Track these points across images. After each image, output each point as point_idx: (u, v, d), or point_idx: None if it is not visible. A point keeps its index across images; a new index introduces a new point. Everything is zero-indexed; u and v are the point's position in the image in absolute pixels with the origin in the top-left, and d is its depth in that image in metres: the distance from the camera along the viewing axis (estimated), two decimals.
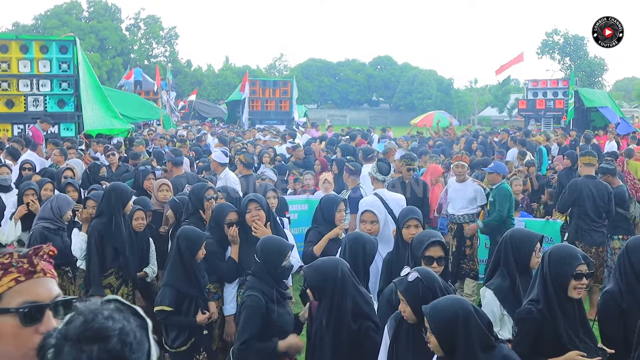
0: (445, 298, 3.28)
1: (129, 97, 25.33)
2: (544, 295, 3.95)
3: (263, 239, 4.87)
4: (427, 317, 3.17)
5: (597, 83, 61.62)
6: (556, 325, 3.87)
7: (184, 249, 5.30)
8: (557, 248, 4.11)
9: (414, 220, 5.59)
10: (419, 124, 30.98)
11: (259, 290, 4.60)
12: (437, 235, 4.70)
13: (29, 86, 15.59)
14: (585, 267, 3.93)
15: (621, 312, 4.03)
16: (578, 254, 3.97)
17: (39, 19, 66.09)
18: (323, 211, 6.31)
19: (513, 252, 4.51)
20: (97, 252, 6.15)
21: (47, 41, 16.56)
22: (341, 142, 15.89)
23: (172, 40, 74.18)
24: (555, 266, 3.95)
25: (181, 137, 18.97)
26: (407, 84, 74.48)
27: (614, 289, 4.12)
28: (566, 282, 3.89)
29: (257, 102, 32.59)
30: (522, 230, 4.85)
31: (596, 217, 8.48)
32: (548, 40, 65.01)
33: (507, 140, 19.08)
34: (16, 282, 2.00)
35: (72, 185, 7.93)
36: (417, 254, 4.50)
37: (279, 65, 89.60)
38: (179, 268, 5.30)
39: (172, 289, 5.25)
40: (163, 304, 5.21)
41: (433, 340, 3.14)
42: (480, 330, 3.09)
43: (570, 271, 3.87)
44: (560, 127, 26.83)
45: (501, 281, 4.51)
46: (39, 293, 2.02)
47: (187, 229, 5.54)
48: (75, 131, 15.85)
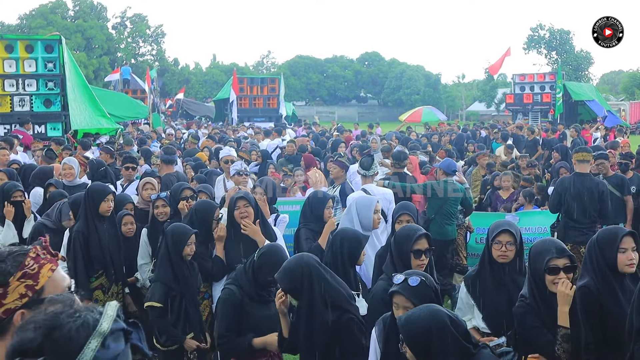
0: (419, 309, 3.17)
1: (117, 96, 25.26)
2: (530, 291, 4.04)
3: (273, 249, 4.76)
4: (400, 330, 3.11)
5: (584, 77, 61.95)
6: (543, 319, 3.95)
7: (170, 246, 5.28)
8: (536, 243, 4.15)
9: (406, 215, 5.62)
10: (408, 119, 30.99)
11: (238, 284, 4.60)
12: (421, 229, 4.71)
13: (14, 86, 15.49)
14: (564, 261, 3.93)
15: (598, 305, 4.02)
16: (552, 248, 3.98)
17: (24, 19, 65.62)
18: (312, 208, 6.28)
19: (485, 243, 4.70)
20: (82, 256, 6.05)
21: (33, 40, 16.45)
22: (332, 138, 15.94)
23: (158, 38, 73.81)
24: (531, 262, 4.05)
25: (194, 134, 18.95)
26: (395, 80, 74.45)
27: (589, 283, 4.08)
28: (542, 277, 3.94)
29: (245, 99, 32.58)
30: (496, 222, 4.91)
31: (581, 217, 8.13)
32: (534, 35, 65.25)
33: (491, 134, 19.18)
34: (51, 271, 2.20)
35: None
36: (404, 248, 4.50)
37: (267, 62, 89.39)
38: (167, 265, 5.28)
39: (162, 285, 5.22)
40: (153, 300, 5.18)
41: (409, 352, 3.09)
42: (456, 341, 3.03)
43: (541, 266, 3.93)
44: (548, 120, 26.95)
45: (473, 270, 4.70)
46: (64, 278, 2.26)
47: (174, 225, 5.51)
48: (62, 131, 15.77)
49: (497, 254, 4.51)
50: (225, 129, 25.14)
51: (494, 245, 4.51)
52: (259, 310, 4.58)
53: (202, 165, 11.27)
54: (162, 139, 20.16)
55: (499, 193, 10.38)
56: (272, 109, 32.49)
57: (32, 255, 2.20)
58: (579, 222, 8.14)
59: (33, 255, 2.20)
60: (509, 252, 4.54)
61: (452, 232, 8.47)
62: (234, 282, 4.66)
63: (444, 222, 8.35)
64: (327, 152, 14.79)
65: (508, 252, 4.54)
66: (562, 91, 27.88)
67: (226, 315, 4.57)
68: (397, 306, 3.62)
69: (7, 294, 2.11)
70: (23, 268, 2.15)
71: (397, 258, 4.55)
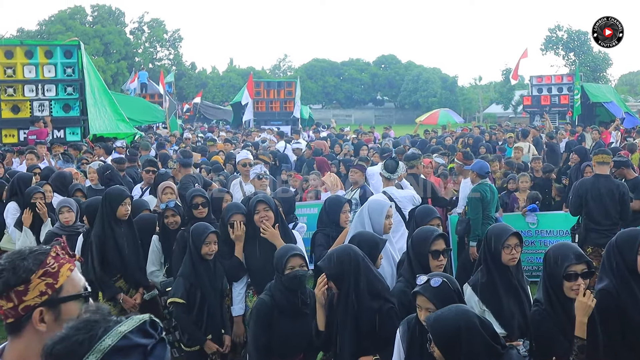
0: (448, 309, 3.21)
1: (134, 101, 25.42)
2: (545, 297, 4.00)
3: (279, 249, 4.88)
4: (429, 329, 3.14)
5: (602, 78, 61.36)
6: (560, 325, 3.91)
7: (190, 243, 5.41)
8: (553, 248, 4.08)
9: (436, 219, 5.67)
10: (425, 122, 30.90)
11: (271, 294, 4.66)
12: (437, 230, 4.75)
13: (34, 91, 15.67)
14: (582, 267, 3.88)
15: (618, 308, 3.98)
16: (571, 254, 3.91)
17: (44, 25, 66.26)
18: (328, 213, 6.29)
19: (486, 248, 4.60)
20: (99, 260, 6.12)
21: (52, 46, 16.64)
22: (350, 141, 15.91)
23: (176, 43, 74.23)
24: (549, 267, 3.99)
25: (212, 137, 19.07)
26: (411, 83, 74.34)
27: (608, 285, 4.04)
28: (559, 283, 3.89)
29: (262, 103, 32.61)
30: (497, 226, 4.89)
31: (602, 219, 8.03)
32: (551, 36, 64.81)
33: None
34: (70, 271, 2.26)
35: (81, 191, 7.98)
36: (422, 249, 4.52)
37: (283, 66, 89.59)
38: (188, 262, 5.40)
39: (184, 280, 5.33)
40: (176, 296, 5.28)
41: (437, 352, 3.12)
42: (485, 341, 3.06)
43: (560, 272, 3.87)
44: (567, 122, 26.74)
45: (479, 277, 4.58)
46: (81, 279, 2.31)
47: (196, 224, 5.61)
48: (81, 135, 15.92)
49: (508, 257, 4.47)
50: (239, 133, 25.17)
51: (504, 249, 4.47)
52: (288, 323, 4.62)
53: (219, 169, 11.36)
54: (181, 142, 20.27)
55: (515, 195, 10.34)
56: (289, 112, 32.51)
57: (52, 254, 2.25)
58: (600, 224, 8.02)
59: (53, 255, 2.25)
60: (517, 254, 4.53)
61: None
62: (267, 292, 4.72)
63: (485, 223, 8.35)
64: (347, 155, 14.73)
65: (516, 255, 4.53)
66: (579, 93, 27.64)
67: (254, 325, 4.68)
68: (419, 308, 3.64)
69: (28, 291, 2.16)
70: (44, 266, 2.20)
71: (415, 260, 4.56)
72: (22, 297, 2.16)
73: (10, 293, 2.15)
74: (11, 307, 2.16)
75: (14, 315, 2.17)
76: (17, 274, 2.16)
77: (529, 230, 9.15)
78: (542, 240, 9.19)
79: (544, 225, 9.01)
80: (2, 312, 2.17)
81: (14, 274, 2.15)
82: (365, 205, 5.90)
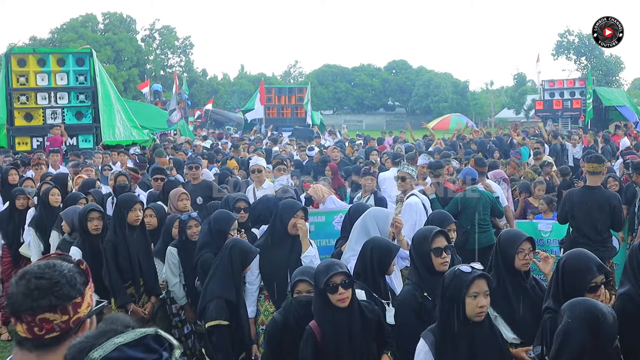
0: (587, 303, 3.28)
1: (146, 108, 25.54)
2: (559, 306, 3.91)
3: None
4: (611, 326, 3.16)
5: (615, 82, 61.12)
6: None
7: (235, 261, 5.21)
8: (571, 259, 3.95)
9: (453, 224, 5.68)
10: (436, 127, 30.82)
11: (284, 313, 4.62)
12: (436, 227, 4.75)
13: (47, 99, 15.76)
14: (602, 277, 3.82)
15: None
16: (593, 266, 3.82)
17: (56, 33, 66.61)
18: (352, 220, 6.19)
19: (498, 253, 4.57)
20: (114, 265, 6.11)
21: (64, 54, 16.75)
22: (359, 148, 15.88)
23: (187, 49, 74.42)
24: (569, 279, 3.87)
25: (235, 142, 19.10)
26: (422, 88, 74.23)
27: (630, 290, 4.01)
28: (580, 295, 3.79)
29: (273, 109, 32.64)
30: (509, 232, 4.89)
31: (592, 233, 7.68)
32: (562, 40, 64.63)
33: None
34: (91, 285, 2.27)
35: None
36: (423, 249, 4.53)
37: (294, 72, 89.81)
38: (228, 280, 5.20)
39: (225, 301, 5.12)
40: (220, 319, 5.05)
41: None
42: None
43: (584, 286, 3.79)
44: (579, 127, 26.62)
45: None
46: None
47: (240, 241, 5.47)
48: (94, 142, 15.98)
49: (521, 262, 4.45)
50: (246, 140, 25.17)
51: (518, 254, 4.45)
52: (298, 343, 4.53)
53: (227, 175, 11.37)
54: (195, 148, 20.30)
55: (529, 200, 10.27)
56: (300, 118, 32.52)
57: (83, 267, 2.26)
58: (590, 238, 7.67)
59: (84, 267, 2.26)
60: (530, 260, 4.51)
61: (487, 239, 8.39)
62: (281, 312, 4.67)
63: (479, 231, 8.32)
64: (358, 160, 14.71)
65: (529, 260, 4.50)
66: (592, 97, 27.52)
67: (268, 344, 4.68)
68: (476, 294, 3.59)
69: (82, 304, 2.16)
70: (90, 278, 2.24)
71: (419, 261, 4.57)
72: (77, 310, 2.15)
73: (68, 306, 2.12)
74: (65, 320, 2.12)
75: (64, 329, 2.12)
76: (75, 287, 2.15)
77: (541, 239, 9.04)
78: (553, 249, 8.97)
79: (557, 234, 8.85)
80: (48, 326, 2.10)
81: (72, 287, 2.14)
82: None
